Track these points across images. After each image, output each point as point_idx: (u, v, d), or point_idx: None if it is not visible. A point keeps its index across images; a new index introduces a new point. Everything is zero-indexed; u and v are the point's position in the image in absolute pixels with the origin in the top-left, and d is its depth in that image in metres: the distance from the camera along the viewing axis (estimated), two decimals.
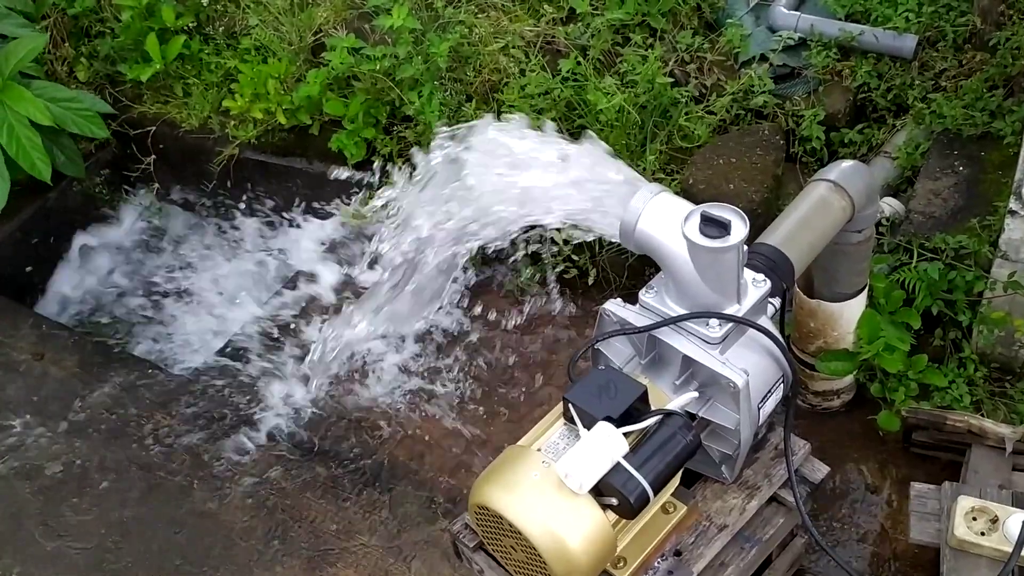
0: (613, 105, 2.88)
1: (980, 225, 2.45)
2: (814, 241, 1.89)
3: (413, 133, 3.19)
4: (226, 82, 3.64)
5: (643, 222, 1.63)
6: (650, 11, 3.09)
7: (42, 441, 2.80)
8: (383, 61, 3.15)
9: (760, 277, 1.72)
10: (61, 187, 3.70)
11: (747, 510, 1.80)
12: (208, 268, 3.71)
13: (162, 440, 2.77)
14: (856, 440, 2.46)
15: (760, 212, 2.66)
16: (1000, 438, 2.12)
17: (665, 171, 2.92)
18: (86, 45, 3.86)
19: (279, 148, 3.57)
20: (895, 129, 2.92)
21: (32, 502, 2.64)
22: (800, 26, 3.02)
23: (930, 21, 2.92)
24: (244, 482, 2.63)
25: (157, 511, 2.59)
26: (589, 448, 1.48)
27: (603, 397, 1.55)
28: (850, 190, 1.91)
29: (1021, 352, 2.40)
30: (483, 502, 1.56)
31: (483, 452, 2.68)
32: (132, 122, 3.75)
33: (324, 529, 2.49)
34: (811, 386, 2.48)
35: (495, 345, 3.00)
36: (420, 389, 2.91)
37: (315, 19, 3.50)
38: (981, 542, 1.81)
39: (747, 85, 2.96)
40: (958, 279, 2.40)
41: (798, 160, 2.96)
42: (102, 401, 2.89)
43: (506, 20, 3.26)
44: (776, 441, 1.90)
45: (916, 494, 2.03)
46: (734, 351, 1.68)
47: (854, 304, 2.25)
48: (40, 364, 3.03)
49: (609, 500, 1.51)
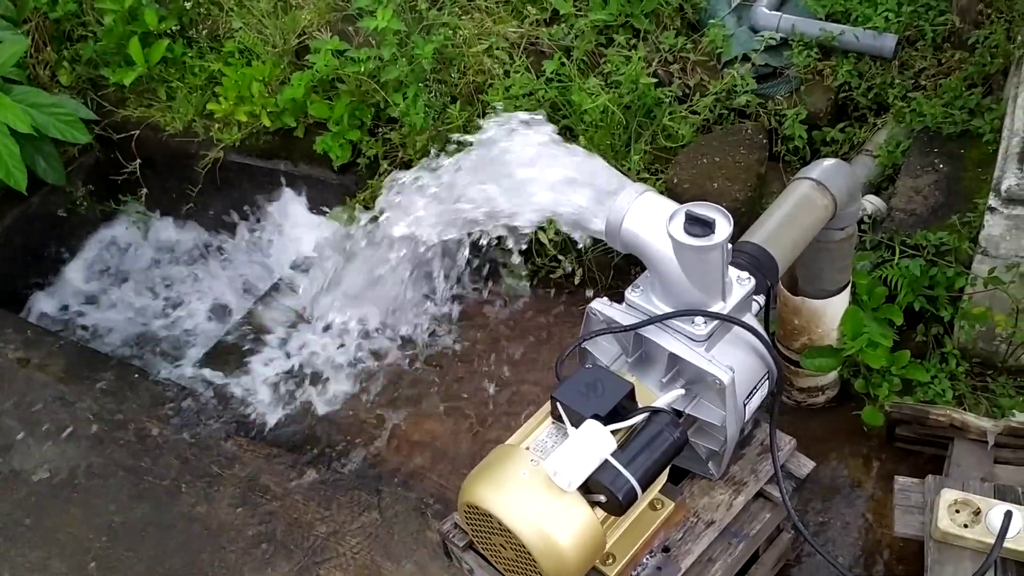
0: (597, 106, 2.90)
1: (960, 222, 2.48)
2: (797, 239, 1.90)
3: (398, 135, 3.20)
4: (210, 85, 3.63)
5: (628, 221, 1.65)
6: (633, 12, 3.11)
7: (28, 447, 2.79)
8: (367, 63, 3.15)
9: (744, 275, 1.73)
10: (44, 193, 3.68)
11: (734, 506, 1.82)
12: (193, 271, 3.71)
13: (149, 444, 2.76)
14: (841, 435, 2.48)
15: (744, 211, 2.68)
16: (982, 431, 2.15)
17: (650, 171, 2.94)
18: (68, 49, 3.83)
19: (264, 151, 3.56)
20: (876, 127, 2.95)
21: (19, 508, 2.63)
22: (781, 26, 3.05)
23: (909, 20, 2.95)
24: (233, 485, 2.63)
25: (146, 515, 2.58)
26: (577, 446, 1.49)
27: (591, 395, 1.56)
28: (832, 188, 1.93)
29: (1002, 347, 2.43)
30: (472, 501, 1.57)
31: (472, 451, 2.69)
32: (115, 126, 3.73)
33: (314, 531, 2.49)
34: (796, 382, 2.50)
35: (482, 345, 3.01)
36: (407, 389, 2.92)
37: (299, 22, 3.50)
38: (964, 534, 1.83)
39: (730, 85, 2.98)
40: (939, 275, 2.43)
41: (781, 159, 2.99)
42: (88, 406, 2.88)
43: (490, 22, 3.27)
44: (762, 437, 1.92)
45: (900, 488, 2.05)
46: (720, 348, 1.69)
47: (837, 301, 2.27)
48: (25, 370, 3.02)
49: (597, 497, 1.52)
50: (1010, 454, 2.14)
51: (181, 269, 3.71)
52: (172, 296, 3.62)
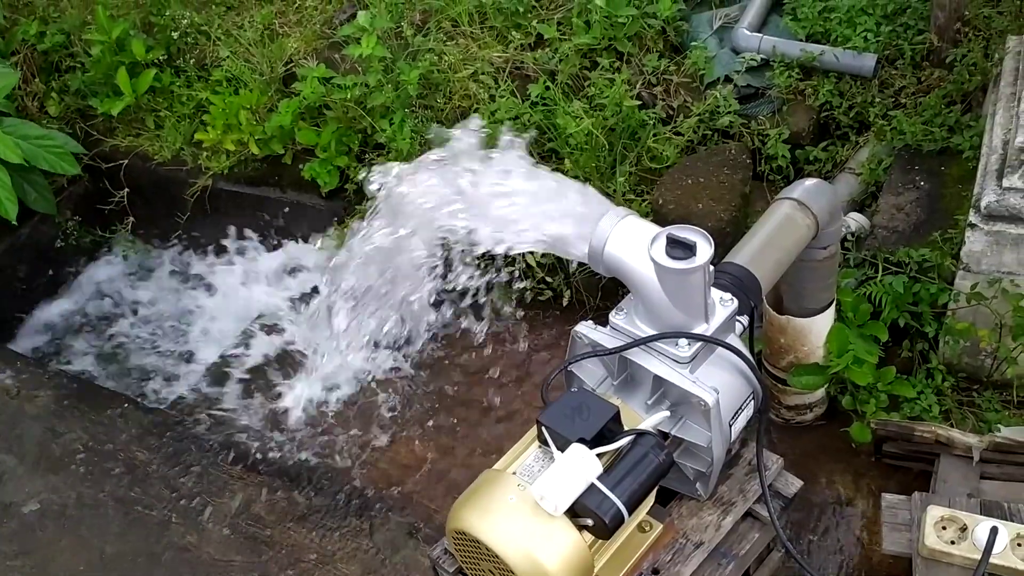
0: (582, 129, 2.92)
1: (942, 238, 2.50)
2: (780, 259, 1.92)
3: (385, 160, 3.21)
4: (198, 114, 3.65)
5: (611, 245, 1.66)
6: (616, 35, 3.14)
7: (18, 479, 2.78)
8: (354, 90, 3.18)
9: (727, 296, 1.75)
10: (33, 223, 3.69)
11: (723, 526, 1.82)
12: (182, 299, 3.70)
13: (140, 475, 2.75)
14: (829, 453, 2.49)
15: (729, 231, 2.70)
16: (968, 447, 2.16)
17: (635, 192, 2.96)
18: (56, 80, 3.86)
19: (252, 178, 3.58)
20: (858, 146, 2.98)
21: (9, 542, 2.62)
22: (763, 47, 3.08)
23: (888, 40, 2.99)
24: (223, 514, 2.62)
25: (136, 546, 2.57)
26: (563, 470, 1.50)
27: (576, 419, 1.57)
28: (813, 208, 1.95)
29: (986, 361, 2.44)
30: (460, 527, 1.57)
31: (460, 475, 2.69)
32: (104, 156, 3.75)
33: (305, 558, 2.48)
34: (784, 400, 2.51)
35: (470, 368, 3.02)
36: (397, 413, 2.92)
37: (285, 50, 3.53)
38: (951, 551, 1.84)
39: (713, 106, 3.01)
40: (923, 291, 2.45)
41: (765, 178, 3.01)
42: (78, 437, 2.87)
43: (475, 47, 3.30)
44: (749, 457, 1.92)
45: (887, 505, 2.06)
46: (704, 370, 1.70)
47: (822, 319, 2.28)
48: (15, 401, 3.01)
49: (585, 521, 1.52)
50: (996, 469, 2.15)
51: (170, 297, 3.71)
52: (162, 325, 3.61)
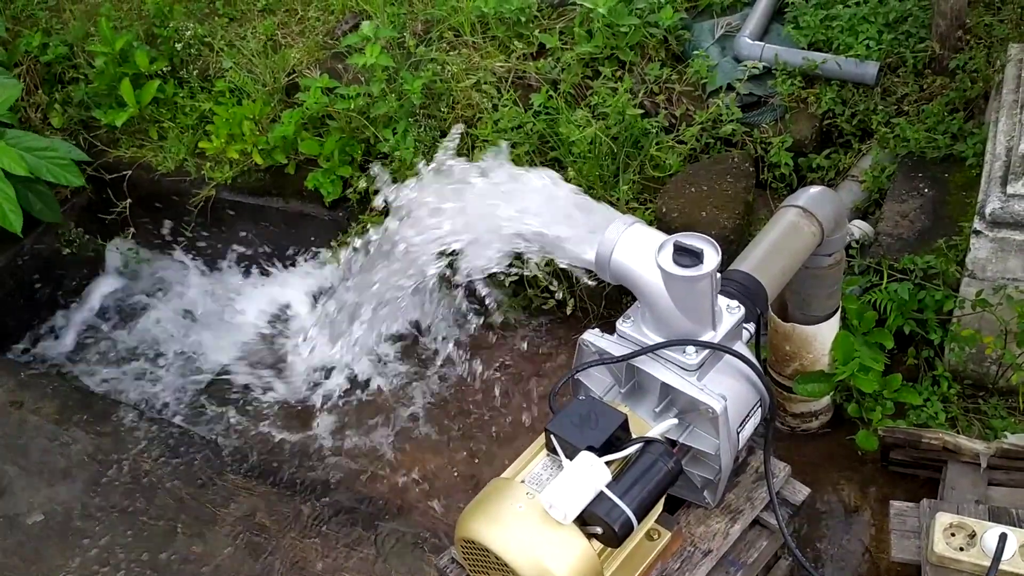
0: (585, 137, 2.93)
1: (947, 245, 2.50)
2: (786, 266, 1.92)
3: (388, 170, 3.22)
4: (201, 124, 3.65)
5: (618, 253, 1.66)
6: (618, 44, 3.15)
7: (22, 491, 2.78)
8: (357, 100, 3.18)
9: (734, 303, 1.75)
10: (36, 234, 3.69)
11: (731, 534, 1.82)
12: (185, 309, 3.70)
13: (144, 485, 2.75)
14: (836, 460, 2.48)
15: (733, 239, 2.70)
16: (975, 454, 2.15)
17: (639, 200, 2.96)
18: (60, 91, 3.87)
19: (255, 188, 3.59)
20: (861, 153, 2.99)
21: (13, 555, 2.61)
22: (765, 56, 3.09)
23: (890, 48, 3.00)
24: (229, 524, 2.61)
25: (142, 557, 2.56)
26: (572, 478, 1.50)
27: (584, 427, 1.57)
28: (819, 215, 1.95)
29: (992, 368, 2.44)
30: (468, 535, 1.57)
31: (468, 484, 2.69)
32: (108, 167, 3.76)
33: (310, 569, 2.47)
34: (789, 408, 2.51)
35: (476, 377, 3.02)
36: (402, 424, 2.92)
37: (288, 60, 3.54)
38: (960, 557, 1.83)
39: (715, 114, 3.02)
40: (928, 299, 2.45)
41: (768, 186, 3.02)
42: (82, 447, 2.87)
43: (478, 57, 3.31)
44: (757, 464, 1.92)
45: (896, 512, 2.05)
46: (711, 377, 1.70)
47: (828, 326, 2.28)
48: (19, 412, 3.01)
49: (594, 529, 1.52)
50: (1003, 476, 2.14)
51: (173, 307, 3.71)
52: (165, 335, 3.61)
